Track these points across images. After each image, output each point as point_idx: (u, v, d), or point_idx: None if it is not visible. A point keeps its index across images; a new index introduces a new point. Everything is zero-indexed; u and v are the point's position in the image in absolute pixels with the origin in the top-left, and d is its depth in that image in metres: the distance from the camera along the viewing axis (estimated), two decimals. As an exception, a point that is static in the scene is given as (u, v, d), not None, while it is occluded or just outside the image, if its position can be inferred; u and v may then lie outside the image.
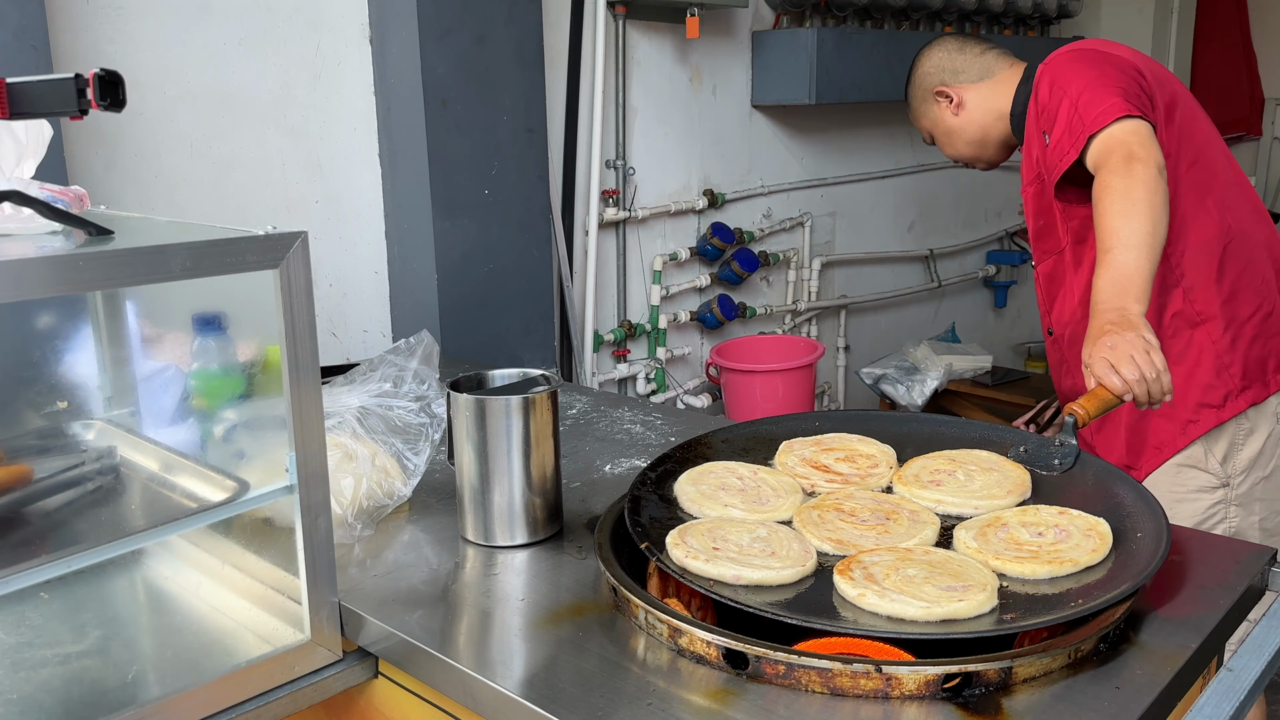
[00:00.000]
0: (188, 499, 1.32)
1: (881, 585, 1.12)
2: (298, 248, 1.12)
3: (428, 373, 1.57)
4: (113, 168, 2.30)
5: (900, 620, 1.08)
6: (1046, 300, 2.00)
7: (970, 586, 1.12)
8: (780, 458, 1.51)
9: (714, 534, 1.25)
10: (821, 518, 1.31)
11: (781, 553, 1.22)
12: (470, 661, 1.13)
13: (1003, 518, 1.30)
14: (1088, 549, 1.21)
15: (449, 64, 2.54)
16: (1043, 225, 1.94)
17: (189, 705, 1.13)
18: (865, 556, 1.20)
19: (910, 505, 1.36)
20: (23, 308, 1.38)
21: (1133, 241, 1.51)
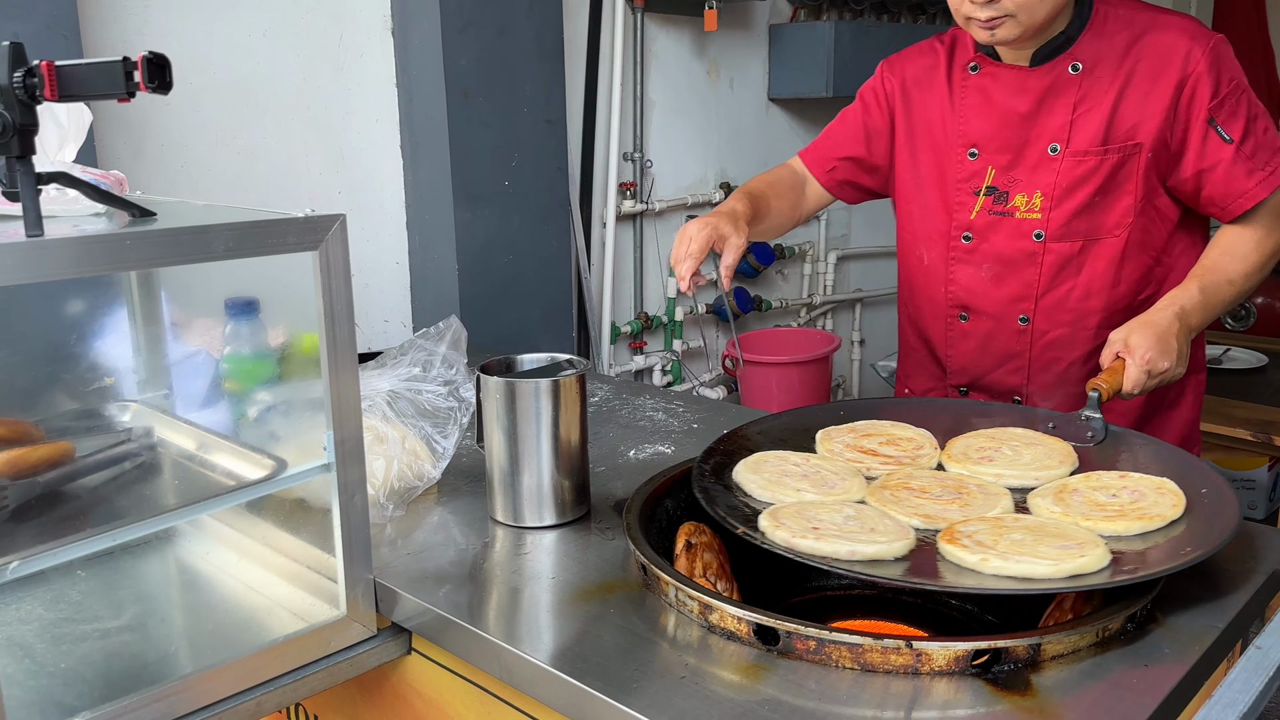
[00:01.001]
0: (226, 477, 1.34)
1: (997, 550, 1.14)
2: (336, 230, 1.14)
3: (456, 357, 1.59)
4: (140, 156, 2.32)
5: (1030, 580, 1.09)
6: (1042, 283, 1.72)
7: (1083, 544, 1.14)
8: (823, 445, 1.51)
9: (805, 515, 1.24)
10: (896, 496, 1.31)
11: (880, 529, 1.21)
12: (503, 635, 1.15)
13: (1069, 485, 1.33)
14: (1168, 504, 1.24)
15: (470, 56, 2.56)
16: (1098, 202, 1.66)
17: (227, 679, 1.15)
18: (962, 527, 1.21)
19: (974, 480, 1.37)
20: (61, 292, 1.41)
21: (1241, 284, 1.61)
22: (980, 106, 1.70)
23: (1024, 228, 1.70)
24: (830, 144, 1.91)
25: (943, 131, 1.76)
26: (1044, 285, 1.71)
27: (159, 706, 1.09)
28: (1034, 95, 1.65)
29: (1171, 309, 1.54)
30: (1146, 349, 1.48)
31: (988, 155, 1.71)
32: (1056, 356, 1.74)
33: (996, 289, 1.75)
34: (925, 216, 1.82)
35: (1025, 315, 1.74)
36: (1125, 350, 1.51)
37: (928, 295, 1.85)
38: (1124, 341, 1.51)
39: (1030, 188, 1.68)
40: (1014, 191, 1.70)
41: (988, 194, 1.72)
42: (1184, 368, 1.52)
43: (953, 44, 1.78)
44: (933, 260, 1.82)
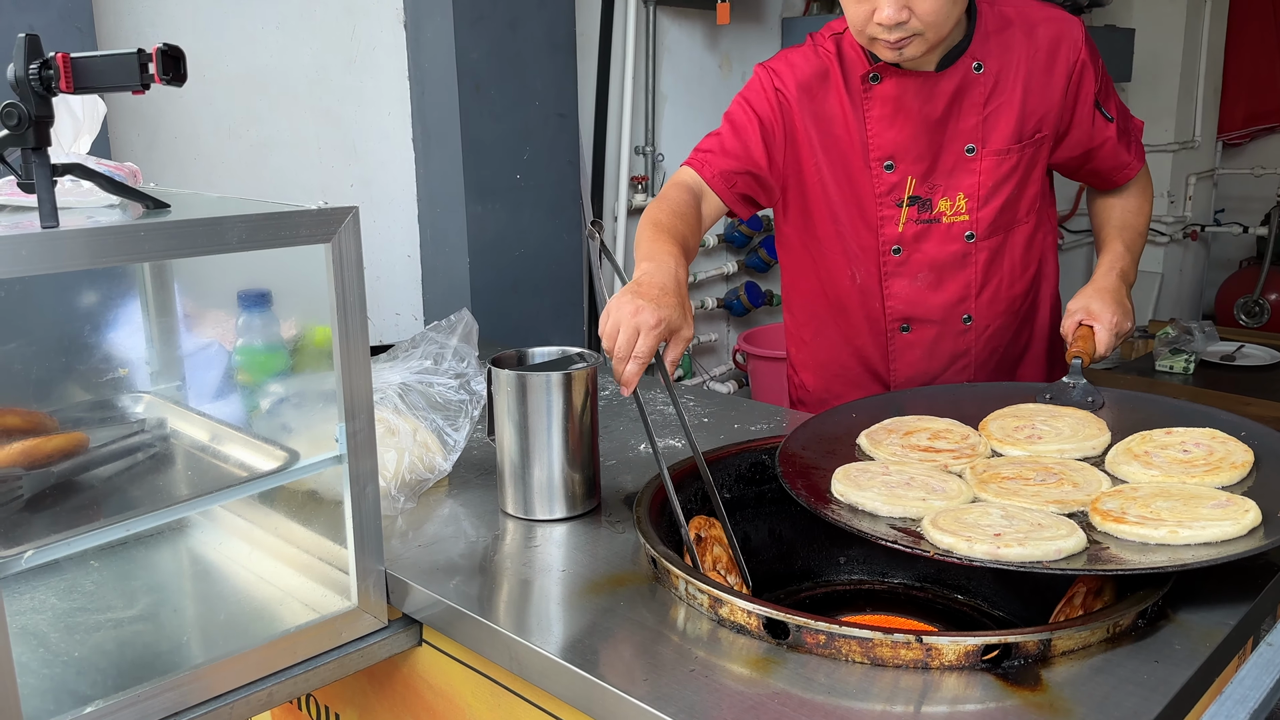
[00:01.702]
0: (239, 468, 1.35)
1: (1169, 520, 1.14)
2: (349, 222, 1.14)
3: (467, 350, 1.59)
4: (153, 148, 2.33)
5: (1224, 542, 1.11)
6: (978, 282, 1.75)
7: (1231, 500, 1.17)
8: (878, 451, 1.43)
9: (964, 521, 1.19)
10: (1005, 488, 1.28)
11: (1045, 524, 1.18)
12: (513, 627, 1.15)
13: (1133, 449, 1.35)
14: (1240, 450, 1.30)
15: (482, 49, 2.56)
16: (1015, 195, 1.71)
17: (239, 669, 1.16)
18: (1103, 506, 1.20)
19: (1048, 459, 1.37)
20: (75, 283, 1.41)
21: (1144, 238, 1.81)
22: (891, 117, 1.66)
23: (954, 231, 1.72)
24: (729, 158, 1.71)
25: (849, 145, 1.70)
26: (979, 282, 1.75)
27: (171, 696, 1.10)
28: (944, 99, 1.65)
29: (1114, 272, 1.65)
30: (1112, 314, 1.57)
31: (905, 165, 1.69)
32: (995, 347, 1.81)
33: (936, 295, 1.75)
34: (850, 235, 1.76)
35: (968, 315, 1.77)
36: (1090, 317, 1.58)
37: (865, 313, 1.81)
38: (1085, 309, 1.58)
39: (951, 191, 1.70)
40: (936, 197, 1.70)
41: (911, 204, 1.71)
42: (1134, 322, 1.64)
43: (838, 52, 1.69)
44: (865, 277, 1.78)
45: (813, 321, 1.90)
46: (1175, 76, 5.28)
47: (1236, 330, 4.74)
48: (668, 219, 1.57)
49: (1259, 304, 5.37)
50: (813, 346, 1.92)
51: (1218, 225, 5.72)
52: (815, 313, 1.89)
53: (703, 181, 1.72)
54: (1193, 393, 3.56)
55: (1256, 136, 5.67)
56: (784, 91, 1.70)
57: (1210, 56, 5.38)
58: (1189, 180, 5.50)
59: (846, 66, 1.68)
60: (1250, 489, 1.24)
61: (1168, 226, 5.51)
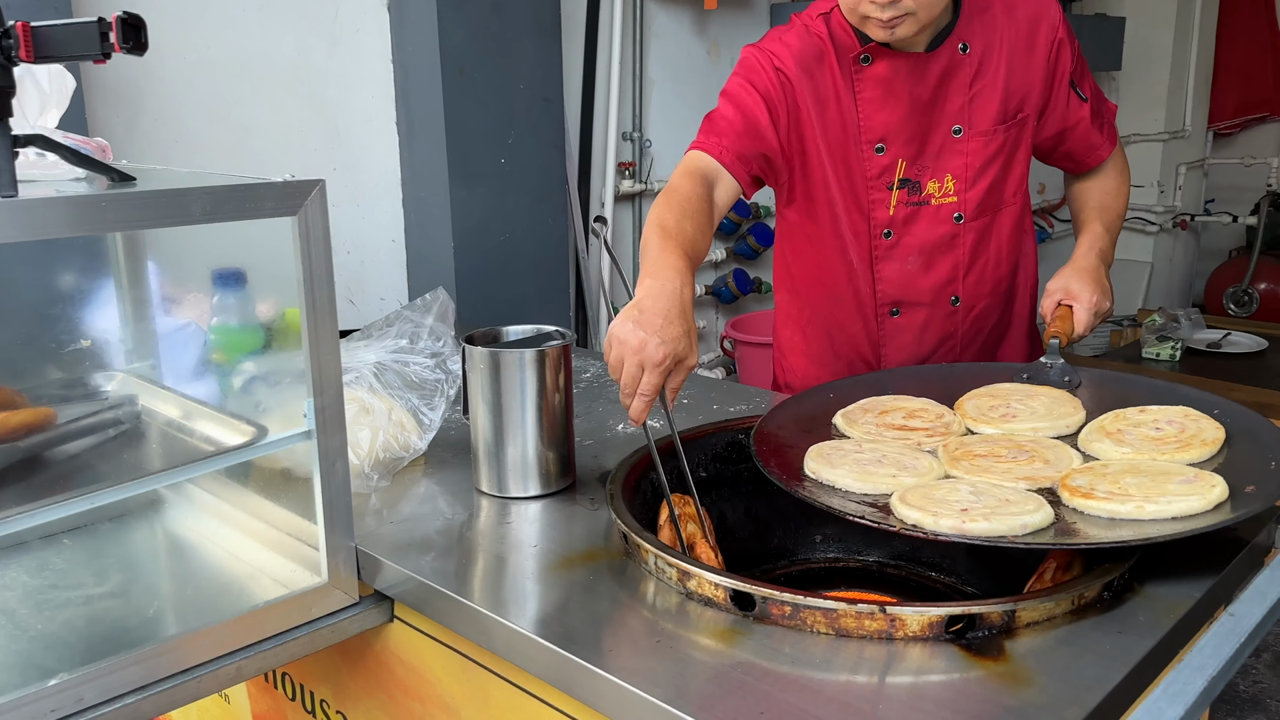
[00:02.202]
0: (208, 444, 1.35)
1: (1135, 495, 1.14)
2: (315, 195, 1.14)
3: (443, 329, 1.59)
4: (134, 130, 2.32)
5: (1190, 516, 1.11)
6: (966, 264, 1.75)
7: (1199, 476, 1.18)
8: (853, 430, 1.44)
9: (933, 498, 1.19)
10: (977, 465, 1.29)
11: (1014, 499, 1.18)
12: (485, 602, 1.15)
13: (1104, 426, 1.36)
14: (1211, 428, 1.30)
15: (466, 32, 2.55)
16: (1000, 177, 1.71)
17: (207, 642, 1.16)
18: (1073, 482, 1.21)
19: (1022, 436, 1.38)
20: (49, 261, 1.41)
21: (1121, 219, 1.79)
22: (883, 99, 1.65)
23: (943, 213, 1.71)
24: (741, 139, 1.66)
25: (842, 128, 1.68)
26: (966, 264, 1.74)
27: (137, 670, 1.09)
28: (933, 80, 1.64)
29: (1093, 252, 1.66)
30: (1090, 293, 1.57)
31: (896, 148, 1.67)
32: (980, 328, 1.82)
33: (925, 278, 1.75)
34: (843, 217, 1.74)
35: (956, 296, 1.76)
36: (1069, 297, 1.58)
37: (856, 297, 1.80)
38: (1064, 289, 1.59)
39: (939, 172, 1.69)
40: (925, 179, 1.69)
41: (901, 186, 1.69)
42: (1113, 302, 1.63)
43: (829, 32, 1.66)
44: (857, 261, 1.77)
45: (807, 307, 1.90)
46: (1166, 66, 5.28)
47: (1226, 319, 4.74)
48: (675, 222, 1.48)
49: (1248, 293, 5.37)
50: (805, 331, 1.92)
51: (1208, 215, 5.72)
52: (810, 298, 1.88)
53: (719, 165, 1.65)
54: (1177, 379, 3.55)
55: (1247, 126, 5.67)
56: (784, 71, 1.66)
57: (1201, 46, 5.38)
58: (1179, 170, 5.49)
59: (838, 47, 1.65)
60: (1220, 465, 1.25)
61: (1158, 216, 5.51)
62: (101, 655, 1.11)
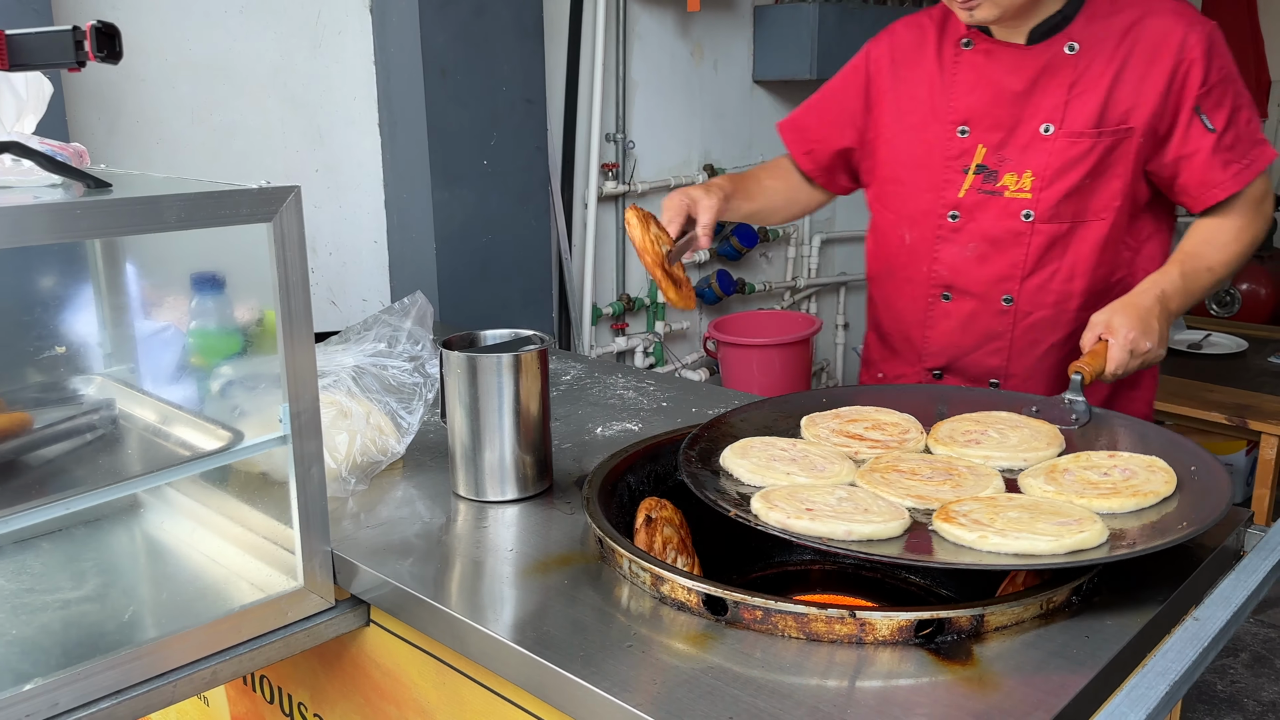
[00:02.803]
0: (184, 448, 1.35)
1: (995, 528, 1.14)
2: (290, 202, 1.14)
3: (421, 333, 1.59)
4: (115, 132, 2.32)
5: (1031, 555, 1.10)
6: (1028, 264, 1.70)
7: (1081, 520, 1.15)
8: (808, 431, 1.49)
9: (797, 498, 1.23)
10: (886, 478, 1.31)
11: (874, 509, 1.21)
12: (460, 608, 1.16)
13: (1059, 464, 1.33)
14: (1160, 481, 1.25)
15: (448, 33, 2.55)
16: (1088, 185, 1.65)
17: (184, 646, 1.16)
18: (956, 506, 1.20)
19: (963, 462, 1.37)
20: (27, 266, 1.41)
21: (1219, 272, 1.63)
22: (973, 83, 1.68)
23: (1013, 207, 1.69)
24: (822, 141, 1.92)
25: (930, 108, 1.73)
26: (1030, 266, 1.70)
27: (112, 674, 1.10)
28: (1029, 74, 1.64)
29: (1153, 291, 1.55)
30: (1129, 329, 1.49)
31: (979, 133, 1.69)
32: (1038, 339, 1.75)
33: (981, 268, 1.73)
34: (909, 196, 1.79)
35: (1009, 295, 1.73)
36: (1108, 331, 1.51)
37: (907, 275, 1.83)
38: (1106, 324, 1.51)
39: (1020, 167, 1.67)
40: (1003, 170, 1.68)
41: (977, 172, 1.70)
42: (1164, 350, 1.53)
43: (944, 19, 1.74)
44: (915, 240, 1.80)
45: (871, 284, 2.00)
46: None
47: (1206, 319, 4.78)
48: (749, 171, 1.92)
49: (1230, 294, 5.42)
50: (869, 312, 2.02)
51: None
52: (872, 274, 1.98)
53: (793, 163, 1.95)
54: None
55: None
56: (877, 59, 1.83)
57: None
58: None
59: (946, 32, 1.74)
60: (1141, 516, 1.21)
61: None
62: (78, 659, 1.11)
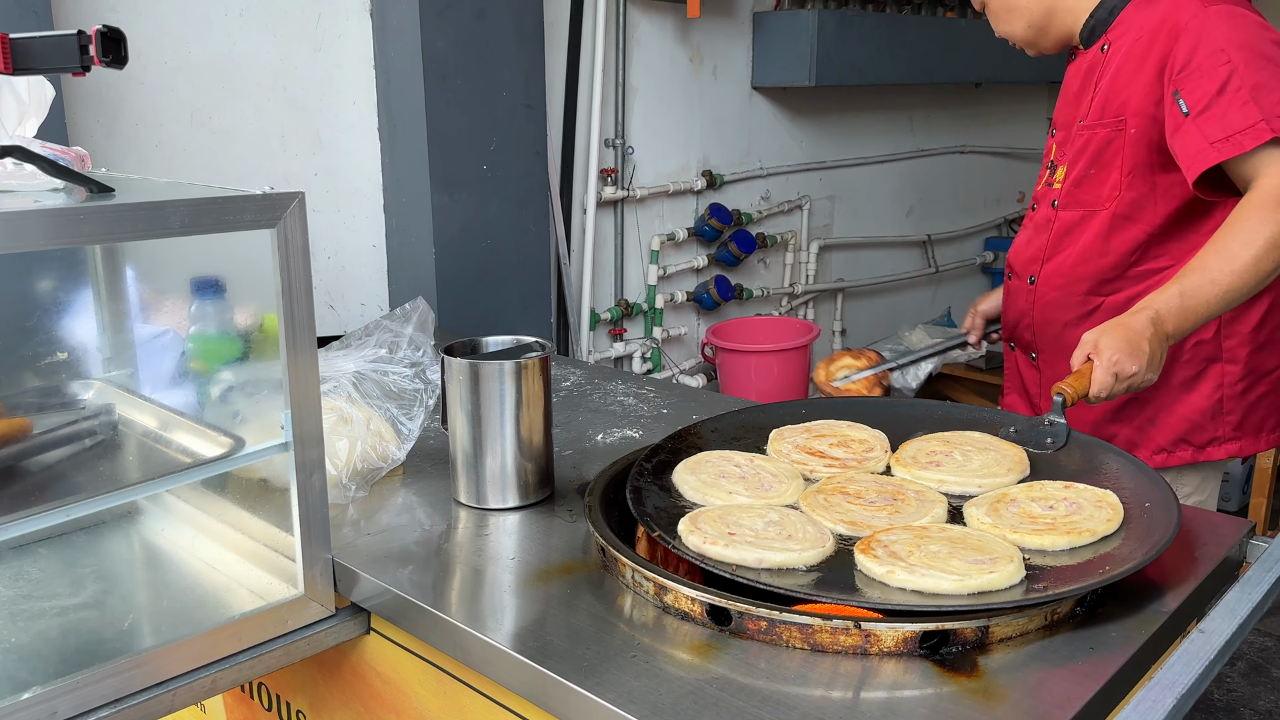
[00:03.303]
0: (184, 455, 1.34)
1: (907, 561, 1.12)
2: (295, 208, 1.13)
3: (423, 339, 1.59)
4: (114, 135, 2.31)
5: (934, 595, 1.08)
6: (1049, 248, 1.79)
7: (997, 559, 1.13)
8: (773, 445, 1.50)
9: (726, 519, 1.24)
10: (828, 501, 1.31)
11: (798, 535, 1.21)
12: (462, 616, 1.15)
13: (1010, 494, 1.31)
14: (1102, 519, 1.22)
15: (449, 38, 2.55)
16: (1092, 176, 1.71)
17: (183, 655, 1.15)
18: (883, 535, 1.20)
19: (914, 486, 1.36)
20: (27, 271, 1.40)
21: (1229, 299, 1.47)
22: (1062, 89, 1.86)
23: (1050, 196, 1.83)
24: None
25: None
26: (1049, 250, 1.80)
27: (112, 682, 1.09)
28: (1080, 76, 1.78)
29: (1146, 312, 1.46)
30: (1114, 350, 1.42)
31: (1057, 134, 1.85)
32: (1052, 318, 1.82)
33: (1023, 251, 1.88)
34: None
35: (1033, 276, 1.84)
36: (1094, 352, 1.45)
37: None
38: (1094, 343, 1.45)
39: (1063, 160, 1.81)
40: (1059, 165, 1.82)
41: (1050, 168, 1.85)
42: (1156, 373, 1.45)
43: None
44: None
45: None
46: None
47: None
48: None
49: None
50: None
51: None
52: None
53: None
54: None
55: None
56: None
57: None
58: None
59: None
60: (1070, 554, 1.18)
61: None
62: (76, 667, 1.10)
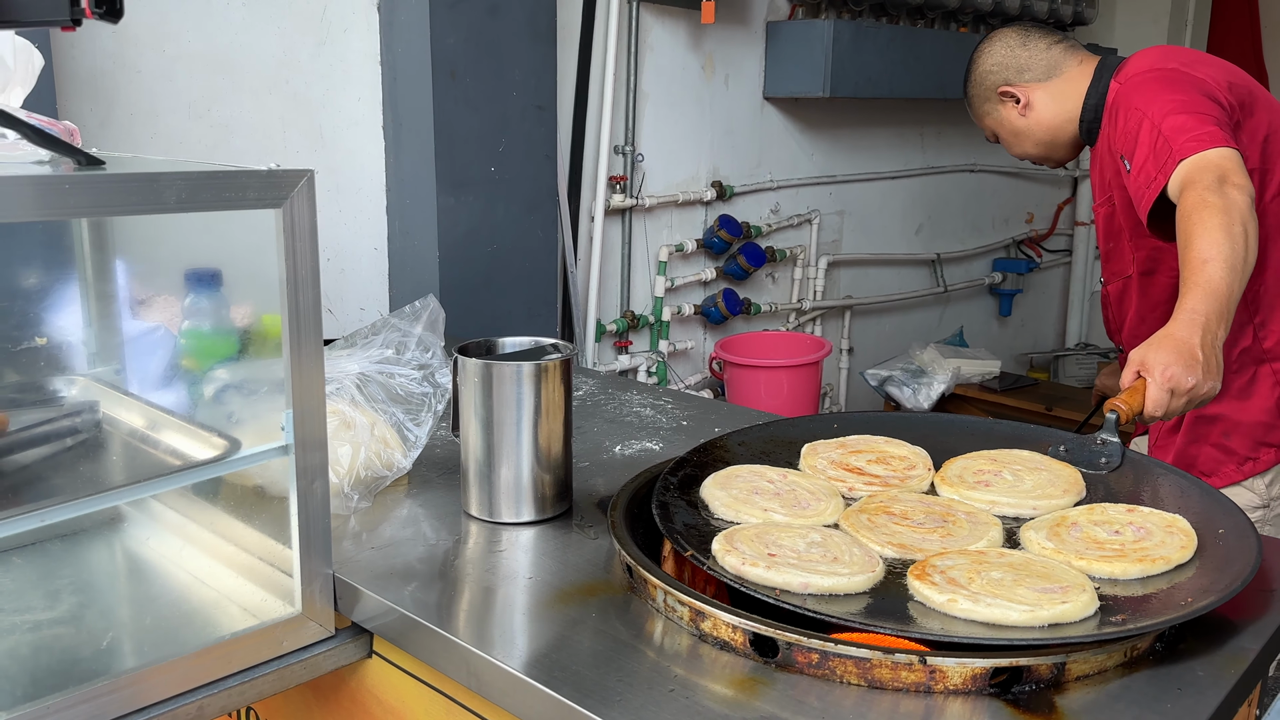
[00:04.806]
0: (174, 457, 1.23)
1: (969, 589, 1.02)
2: (303, 187, 1.04)
3: (432, 340, 1.49)
4: (108, 125, 2.21)
5: (1002, 626, 0.98)
6: (1117, 319, 1.96)
7: (1068, 588, 1.03)
8: (806, 461, 1.41)
9: (764, 539, 1.14)
10: (872, 521, 1.21)
11: (844, 558, 1.11)
12: (472, 638, 1.05)
13: (1069, 517, 1.21)
14: (1176, 545, 1.12)
15: (459, 34, 2.46)
16: (1112, 249, 1.88)
17: (166, 679, 1.05)
18: (937, 560, 1.10)
19: (964, 507, 1.27)
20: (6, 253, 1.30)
21: (1231, 264, 1.40)
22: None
23: (1101, 274, 2.01)
24: None
25: None
26: (1117, 320, 1.95)
27: (85, 709, 0.98)
28: (1095, 167, 1.90)
29: (1182, 317, 1.38)
30: (1167, 365, 1.32)
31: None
32: None
33: (1108, 327, 2.02)
34: None
35: (1119, 346, 2.00)
36: (1144, 369, 1.35)
37: None
38: (1141, 361, 1.36)
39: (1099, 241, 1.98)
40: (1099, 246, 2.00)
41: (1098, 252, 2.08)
42: (1218, 381, 1.34)
43: None
44: None
45: None
46: (1156, 98, 5.27)
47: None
48: None
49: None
50: None
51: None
52: None
53: None
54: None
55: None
56: None
57: (1190, 79, 5.37)
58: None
59: None
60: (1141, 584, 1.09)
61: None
62: (48, 690, 1.00)
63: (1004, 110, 1.95)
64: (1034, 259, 5.13)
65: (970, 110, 2.04)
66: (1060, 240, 5.35)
